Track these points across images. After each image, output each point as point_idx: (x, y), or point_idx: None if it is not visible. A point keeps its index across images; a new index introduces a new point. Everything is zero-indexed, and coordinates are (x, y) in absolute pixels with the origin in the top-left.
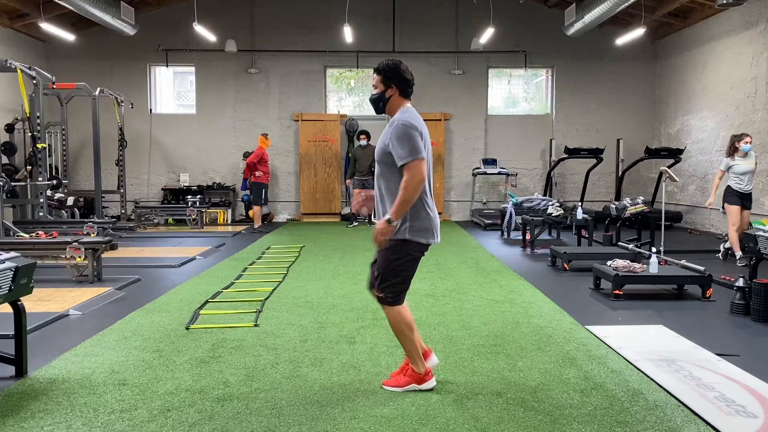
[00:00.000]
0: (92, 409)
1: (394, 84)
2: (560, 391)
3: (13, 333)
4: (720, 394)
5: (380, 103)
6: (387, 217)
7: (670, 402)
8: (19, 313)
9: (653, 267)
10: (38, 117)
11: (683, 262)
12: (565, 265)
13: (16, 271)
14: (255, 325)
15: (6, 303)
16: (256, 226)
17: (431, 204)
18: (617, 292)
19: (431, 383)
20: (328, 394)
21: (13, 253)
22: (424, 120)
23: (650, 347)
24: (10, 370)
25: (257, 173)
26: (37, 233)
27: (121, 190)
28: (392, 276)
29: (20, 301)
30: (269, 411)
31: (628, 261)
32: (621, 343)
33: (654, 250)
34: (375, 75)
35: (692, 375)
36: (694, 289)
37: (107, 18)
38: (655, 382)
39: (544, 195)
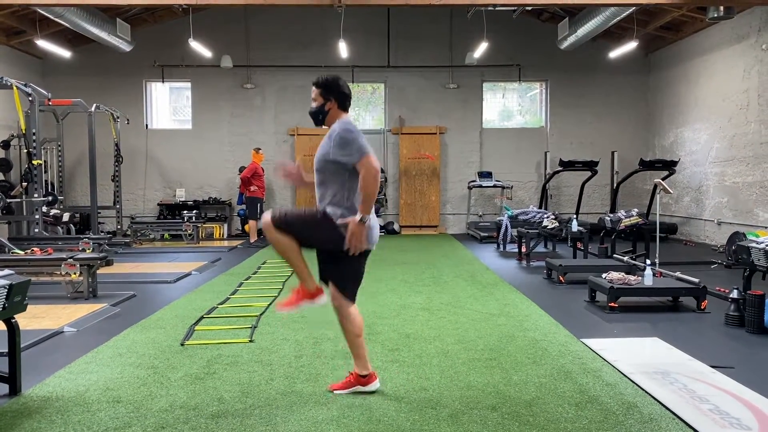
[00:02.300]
0: (86, 427)
1: (333, 97)
2: (555, 404)
3: (6, 351)
4: (714, 406)
5: (320, 116)
6: (359, 216)
7: (665, 415)
8: (12, 330)
9: (648, 279)
10: (34, 133)
11: (678, 274)
12: (561, 278)
13: (10, 288)
14: (250, 341)
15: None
16: (251, 240)
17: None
18: (612, 304)
19: (374, 385)
20: (324, 411)
21: (7, 271)
22: (420, 133)
23: (645, 360)
24: (4, 388)
25: (252, 188)
26: (32, 250)
27: (117, 206)
28: (352, 280)
29: (14, 318)
30: (264, 427)
31: (623, 273)
32: (616, 355)
33: (648, 262)
34: (314, 89)
35: (687, 387)
36: (689, 300)
37: (103, 35)
38: (649, 395)
39: (540, 207)
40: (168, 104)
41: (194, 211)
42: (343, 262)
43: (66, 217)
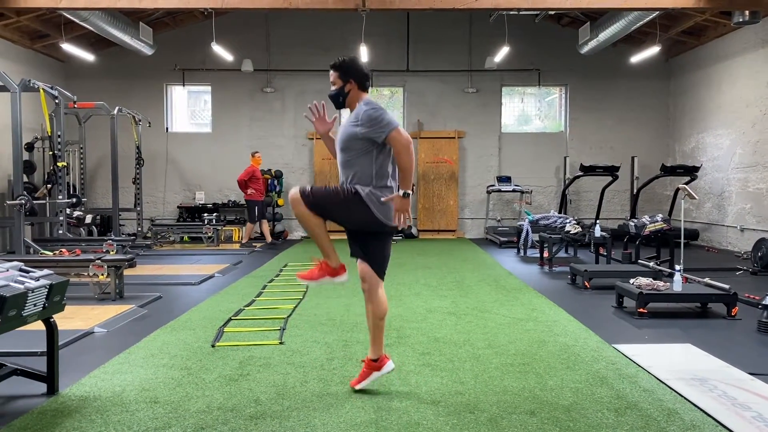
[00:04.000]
0: (126, 427)
1: (352, 78)
2: (594, 410)
3: (40, 350)
4: (758, 413)
5: (340, 98)
6: (401, 192)
7: (708, 422)
8: (51, 330)
9: (677, 285)
10: (59, 136)
11: (707, 280)
12: (586, 284)
13: (50, 288)
14: (280, 343)
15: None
16: (244, 241)
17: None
18: (641, 310)
19: (389, 366)
20: (361, 413)
21: (46, 271)
22: (439, 137)
23: (680, 366)
24: (42, 387)
25: (249, 191)
26: (60, 251)
27: (138, 208)
28: (386, 260)
29: (52, 318)
30: (303, 429)
31: (650, 279)
32: (650, 361)
33: (678, 268)
34: (332, 72)
35: (726, 394)
36: (718, 307)
37: (126, 38)
38: (689, 401)
39: (559, 212)
40: (186, 108)
41: (214, 214)
42: (375, 241)
43: (89, 219)
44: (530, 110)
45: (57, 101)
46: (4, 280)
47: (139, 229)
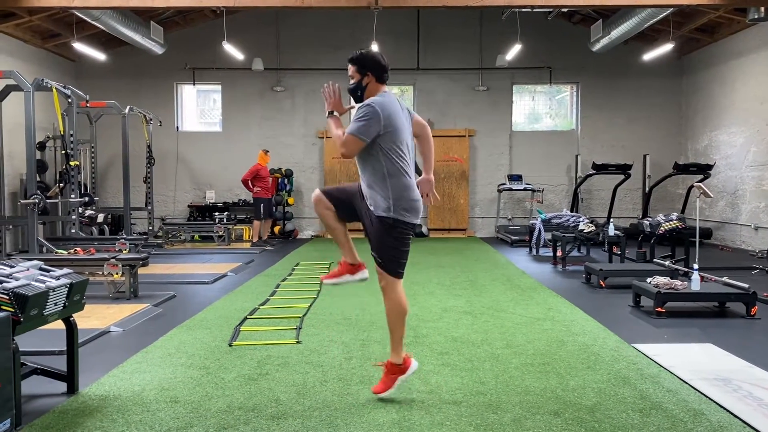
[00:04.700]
0: (148, 427)
1: (369, 71)
2: (618, 410)
3: (57, 349)
4: None
5: (358, 92)
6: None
7: (735, 423)
8: (71, 329)
9: (695, 284)
10: (71, 135)
11: (725, 279)
12: (601, 283)
13: (70, 287)
14: (297, 342)
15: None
16: (254, 240)
17: (414, 186)
18: (659, 309)
19: (414, 366)
20: (383, 413)
21: (66, 270)
22: (449, 136)
23: (703, 366)
24: (61, 386)
25: (255, 189)
26: (75, 250)
27: (149, 207)
28: (389, 250)
29: (72, 317)
30: (326, 430)
31: (668, 278)
32: (672, 361)
33: (696, 267)
34: (350, 66)
35: (752, 395)
36: (736, 306)
37: (137, 37)
38: (714, 402)
39: (571, 211)
40: (195, 107)
41: (225, 213)
42: (388, 237)
43: (101, 218)
44: (541, 108)
45: (69, 100)
46: (26, 279)
47: (150, 228)
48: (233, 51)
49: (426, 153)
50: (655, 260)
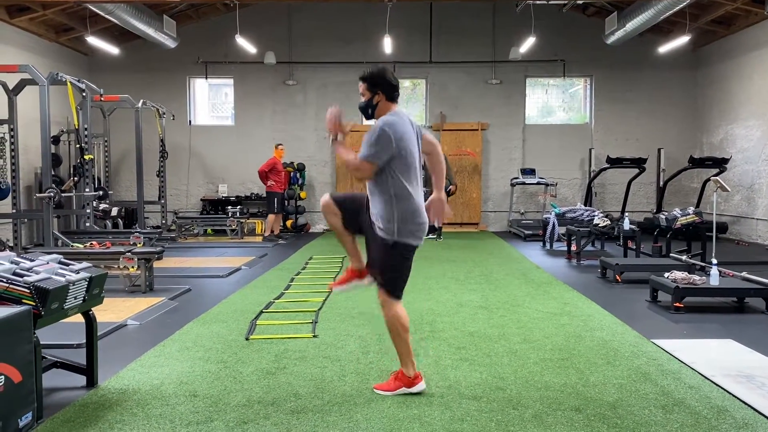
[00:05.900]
0: (168, 421)
1: (380, 90)
2: (640, 407)
3: (75, 342)
4: None
5: (369, 110)
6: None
7: (760, 420)
8: (90, 323)
9: (714, 279)
10: (86, 129)
11: (744, 273)
12: (617, 277)
13: (90, 281)
14: (314, 336)
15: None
16: (266, 234)
17: (421, 209)
18: (678, 304)
19: (421, 386)
20: (403, 409)
21: (85, 263)
22: (462, 129)
23: (724, 362)
24: (81, 380)
25: (269, 182)
26: (91, 243)
27: (162, 201)
28: (389, 271)
29: (91, 311)
30: (346, 424)
31: (686, 273)
32: (692, 357)
33: (715, 261)
34: (361, 83)
35: None
36: (755, 301)
37: (150, 31)
38: (738, 398)
39: (585, 205)
40: (207, 100)
41: (237, 207)
42: (389, 257)
43: (114, 211)
44: (554, 102)
45: (84, 94)
46: (46, 272)
47: (164, 221)
48: (246, 44)
49: (436, 171)
50: (672, 255)
